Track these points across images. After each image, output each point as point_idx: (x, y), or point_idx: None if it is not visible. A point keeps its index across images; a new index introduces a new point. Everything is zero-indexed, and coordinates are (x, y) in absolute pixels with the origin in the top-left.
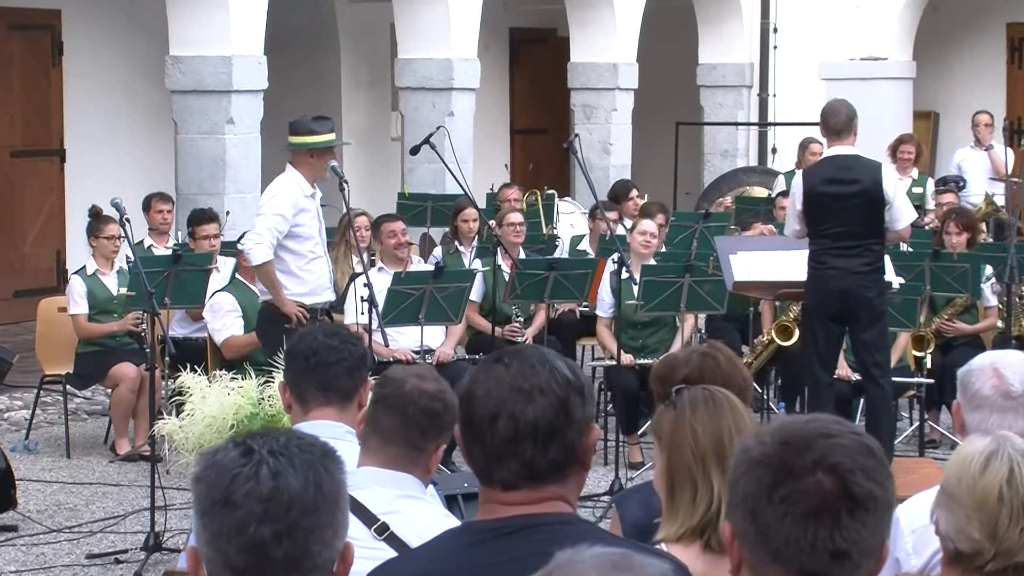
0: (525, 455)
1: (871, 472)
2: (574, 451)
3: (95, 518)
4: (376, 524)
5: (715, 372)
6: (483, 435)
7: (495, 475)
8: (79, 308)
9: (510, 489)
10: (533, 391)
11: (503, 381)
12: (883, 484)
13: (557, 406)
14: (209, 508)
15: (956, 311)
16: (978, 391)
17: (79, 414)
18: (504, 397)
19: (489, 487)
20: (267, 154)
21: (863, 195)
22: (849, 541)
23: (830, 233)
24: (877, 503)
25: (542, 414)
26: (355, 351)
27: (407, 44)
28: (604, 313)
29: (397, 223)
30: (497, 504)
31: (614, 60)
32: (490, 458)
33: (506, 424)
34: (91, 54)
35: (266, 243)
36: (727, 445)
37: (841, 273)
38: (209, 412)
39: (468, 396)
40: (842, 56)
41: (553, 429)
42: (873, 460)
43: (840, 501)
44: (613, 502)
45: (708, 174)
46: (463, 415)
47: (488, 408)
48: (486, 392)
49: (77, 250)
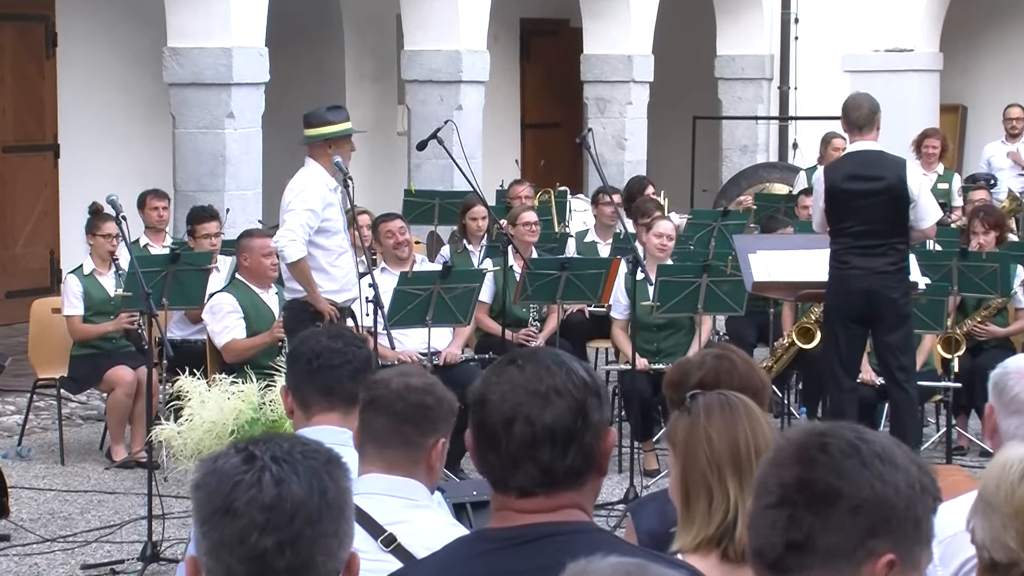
0: (543, 460)
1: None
2: (592, 456)
3: (90, 527)
4: (383, 535)
5: (731, 374)
6: (498, 440)
7: (511, 481)
8: (74, 309)
9: (526, 496)
10: (550, 393)
11: (518, 384)
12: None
13: (575, 409)
14: (209, 517)
15: (990, 313)
16: (1017, 395)
17: (73, 419)
18: (519, 400)
19: (504, 494)
20: (268, 150)
21: (887, 192)
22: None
23: (852, 231)
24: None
25: (560, 417)
26: (359, 354)
27: (414, 35)
28: (620, 315)
29: (394, 222)
30: (512, 512)
31: (629, 52)
32: (506, 464)
33: (522, 428)
34: (86, 45)
35: (300, 239)
36: (743, 452)
37: (864, 273)
38: (208, 417)
39: (481, 400)
40: (866, 47)
41: (571, 433)
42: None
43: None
44: (628, 511)
45: (726, 170)
46: (476, 420)
47: (503, 412)
48: (500, 395)
49: (71, 249)
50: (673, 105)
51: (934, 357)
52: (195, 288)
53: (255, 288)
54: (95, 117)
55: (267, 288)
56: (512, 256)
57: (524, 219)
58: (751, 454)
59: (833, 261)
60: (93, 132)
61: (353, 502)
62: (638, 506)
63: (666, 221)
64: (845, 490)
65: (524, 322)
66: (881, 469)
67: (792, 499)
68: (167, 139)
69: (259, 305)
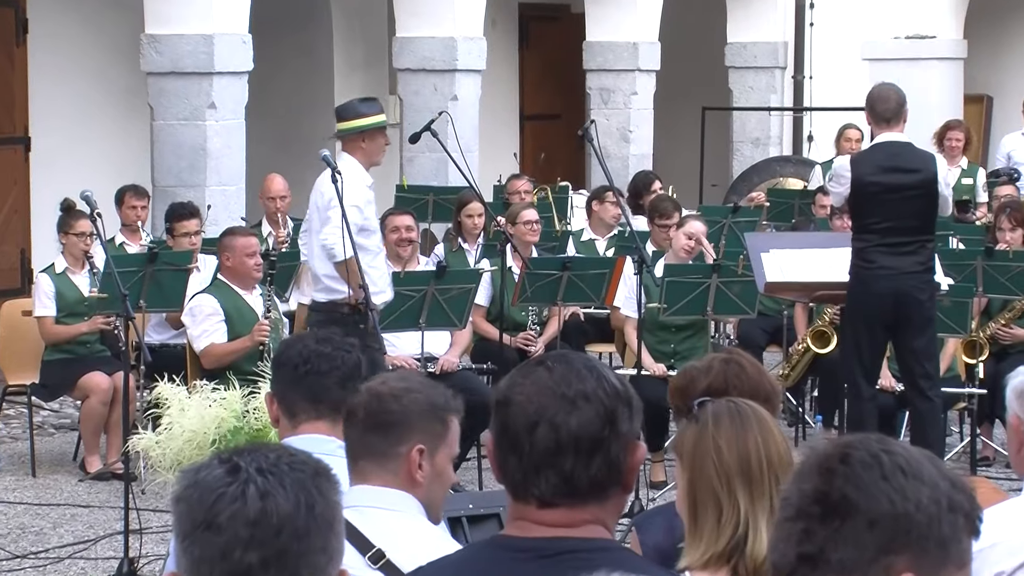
0: (565, 468)
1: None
2: (618, 469)
3: (63, 543)
4: (371, 551)
5: (740, 380)
6: (520, 444)
7: (531, 489)
8: (46, 310)
9: (546, 507)
10: (578, 399)
11: (545, 386)
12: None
13: (603, 416)
14: (191, 531)
15: (1015, 315)
16: None
17: (46, 428)
18: (545, 404)
19: (523, 503)
20: (252, 142)
21: (921, 187)
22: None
23: (879, 228)
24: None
25: (587, 424)
26: (349, 359)
27: (406, 21)
28: (633, 313)
29: (403, 217)
30: (530, 523)
31: (634, 39)
32: (527, 470)
33: (546, 433)
34: (59, 32)
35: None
36: (754, 463)
37: (892, 273)
38: (189, 426)
39: (505, 401)
40: (886, 34)
41: (597, 441)
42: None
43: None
44: (633, 525)
45: (737, 164)
46: (499, 422)
47: (527, 415)
48: (526, 397)
49: (43, 248)
50: (681, 95)
51: (957, 362)
52: (174, 289)
53: (238, 289)
54: (68, 108)
55: (251, 289)
56: (510, 256)
57: (524, 217)
58: (762, 465)
59: (857, 260)
60: (66, 124)
61: (342, 516)
62: (644, 520)
63: (699, 223)
64: (862, 503)
65: (523, 326)
66: (903, 483)
67: (808, 511)
68: (145, 131)
69: (242, 307)
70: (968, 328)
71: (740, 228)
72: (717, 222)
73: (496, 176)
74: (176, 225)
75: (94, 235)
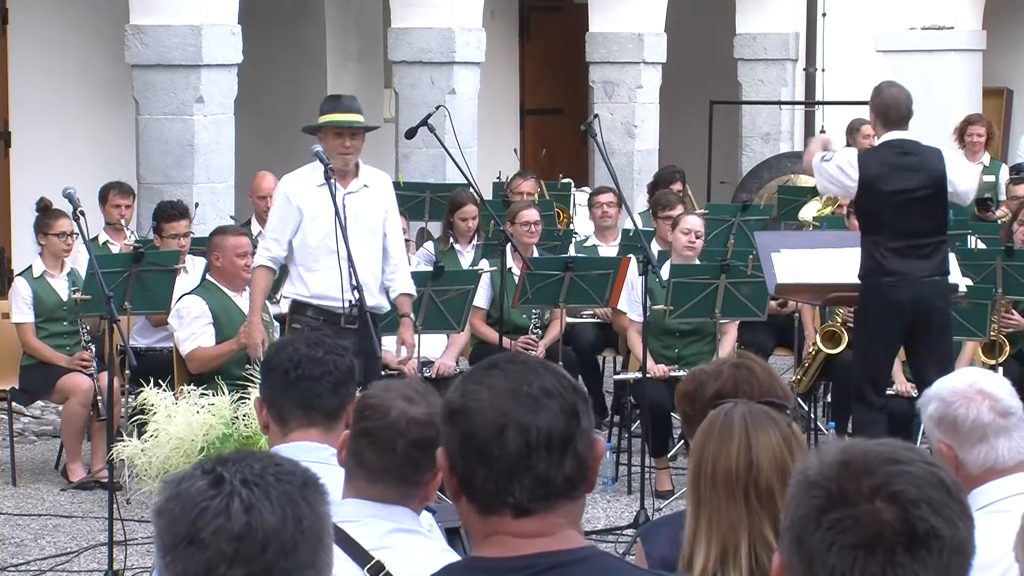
0: (539, 470)
1: (940, 508)
2: (586, 464)
3: (44, 555)
4: (370, 563)
5: (751, 385)
6: (489, 452)
7: (505, 498)
8: (24, 316)
9: (523, 515)
10: (541, 396)
11: (504, 388)
12: (953, 523)
13: (567, 411)
14: (173, 547)
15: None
16: (975, 420)
17: (26, 435)
18: (508, 405)
19: (496, 515)
20: (241, 138)
21: (931, 186)
22: None
23: (889, 229)
24: (943, 543)
25: (554, 420)
26: (342, 363)
27: (402, 12)
28: (637, 317)
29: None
30: (507, 536)
31: (639, 30)
32: (499, 478)
33: (515, 435)
34: (40, 22)
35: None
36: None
37: (909, 280)
38: (175, 433)
39: (462, 410)
40: (901, 25)
41: (567, 437)
42: (945, 495)
43: (898, 536)
44: (638, 536)
45: (747, 160)
46: (459, 433)
47: (491, 420)
48: (486, 402)
49: (24, 248)
50: (688, 89)
51: (976, 365)
52: (160, 291)
53: (228, 291)
54: (50, 102)
55: (240, 291)
56: (511, 256)
57: (523, 218)
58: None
59: (869, 264)
60: (48, 118)
61: (331, 529)
62: (649, 531)
63: (693, 216)
64: (944, 531)
65: (524, 329)
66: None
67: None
68: (130, 126)
69: (232, 310)
70: (987, 331)
71: (750, 227)
72: (726, 221)
73: (496, 173)
74: (165, 226)
75: (75, 235)
